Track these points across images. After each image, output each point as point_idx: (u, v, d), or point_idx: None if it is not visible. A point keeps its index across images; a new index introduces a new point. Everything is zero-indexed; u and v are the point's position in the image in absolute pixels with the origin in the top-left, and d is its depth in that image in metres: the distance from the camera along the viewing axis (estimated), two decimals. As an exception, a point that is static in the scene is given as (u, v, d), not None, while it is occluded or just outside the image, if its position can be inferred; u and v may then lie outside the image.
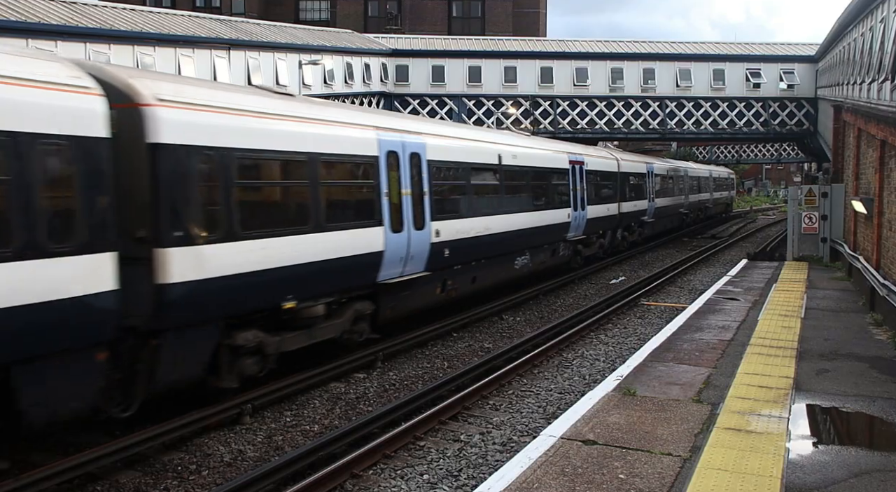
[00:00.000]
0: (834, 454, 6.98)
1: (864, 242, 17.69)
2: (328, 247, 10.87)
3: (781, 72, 36.45)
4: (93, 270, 7.50)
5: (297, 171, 10.59)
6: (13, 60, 7.12)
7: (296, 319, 10.48)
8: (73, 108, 7.41)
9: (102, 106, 7.71)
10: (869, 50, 18.24)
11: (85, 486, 7.53)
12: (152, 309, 8.25)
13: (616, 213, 26.18)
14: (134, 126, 8.22)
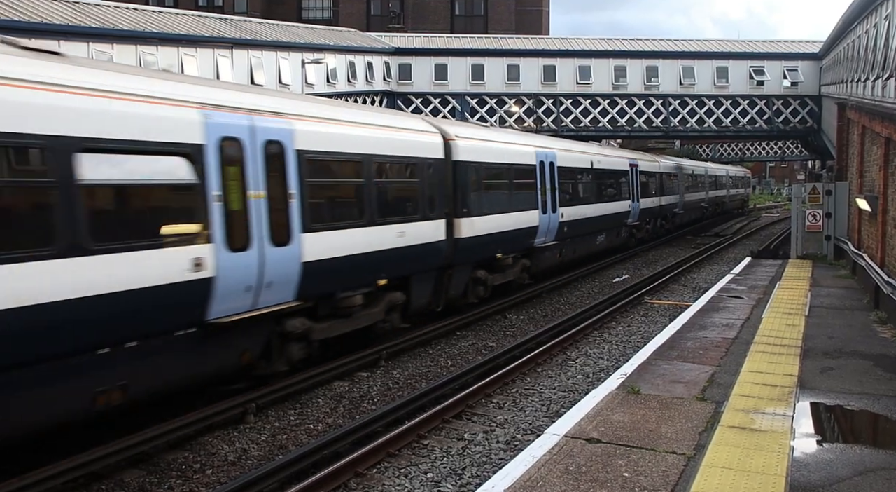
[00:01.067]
0: (838, 452, 6.96)
1: (869, 240, 17.64)
2: (517, 221, 17.51)
3: (785, 69, 36.34)
4: (439, 228, 14.02)
5: (508, 174, 17.42)
6: (416, 122, 14.21)
7: (500, 265, 17.10)
8: (436, 143, 14.22)
9: (441, 141, 14.37)
10: (873, 47, 18.18)
11: (90, 485, 7.55)
12: (452, 252, 14.46)
13: (658, 205, 32.62)
14: (448, 151, 14.51)
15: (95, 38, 21.65)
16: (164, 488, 7.59)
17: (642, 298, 18.78)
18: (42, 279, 6.77)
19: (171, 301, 8.18)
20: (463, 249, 14.76)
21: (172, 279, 8.12)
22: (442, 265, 14.29)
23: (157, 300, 7.97)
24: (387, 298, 12.56)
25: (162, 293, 7.99)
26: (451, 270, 14.64)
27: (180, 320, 8.44)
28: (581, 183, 22.62)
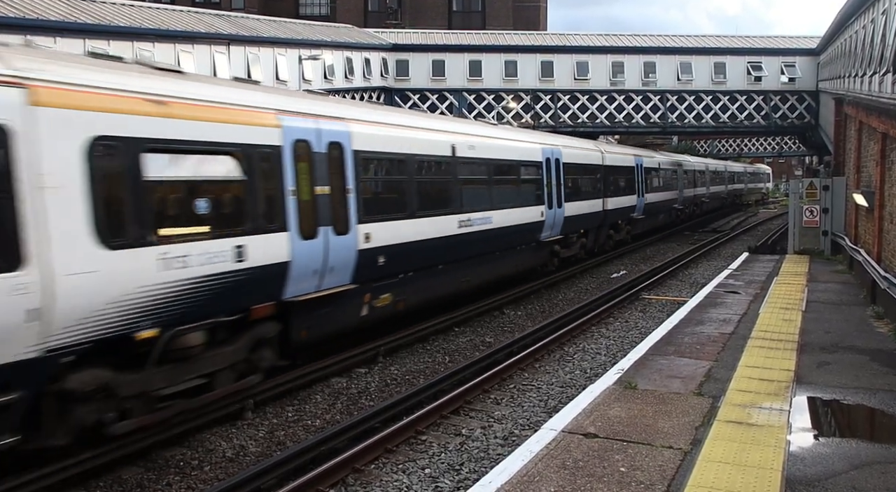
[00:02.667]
0: (835, 447, 6.99)
1: (866, 235, 17.67)
2: (618, 203, 25.43)
3: (783, 65, 36.34)
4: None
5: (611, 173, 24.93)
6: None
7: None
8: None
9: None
10: (870, 42, 18.18)
11: (87, 482, 7.55)
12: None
13: (691, 194, 40.82)
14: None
15: (91, 35, 21.60)
16: (163, 485, 7.60)
17: (640, 293, 18.80)
18: None
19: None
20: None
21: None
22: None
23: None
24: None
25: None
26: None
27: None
28: (655, 178, 33.07)
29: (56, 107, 7.03)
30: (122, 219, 7.61)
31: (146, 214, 7.87)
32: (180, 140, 8.34)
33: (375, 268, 11.85)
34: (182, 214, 8.44)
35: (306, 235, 10.20)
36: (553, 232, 20.00)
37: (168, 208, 8.32)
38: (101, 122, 7.46)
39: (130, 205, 7.72)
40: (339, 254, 10.88)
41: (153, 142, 7.96)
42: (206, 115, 8.76)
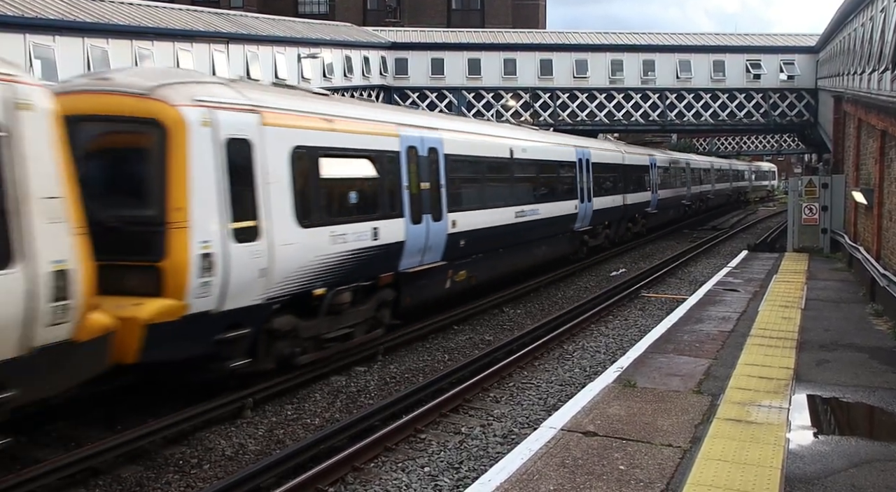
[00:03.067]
0: (834, 444, 6.99)
1: (865, 233, 17.67)
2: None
3: (782, 63, 36.35)
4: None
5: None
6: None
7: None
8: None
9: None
10: (869, 40, 18.18)
11: (87, 481, 7.55)
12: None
13: (698, 191, 42.39)
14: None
15: (90, 34, 21.59)
16: (162, 484, 7.59)
17: (639, 291, 18.80)
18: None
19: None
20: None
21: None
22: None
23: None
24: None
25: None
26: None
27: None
28: (703, 175, 43.58)
29: (274, 126, 9.74)
30: (309, 205, 10.29)
31: (322, 203, 10.65)
32: (340, 148, 11.17)
33: (458, 249, 14.57)
34: (342, 203, 11.33)
35: (415, 221, 12.95)
36: (584, 223, 22.64)
37: (334, 198, 11.14)
38: (298, 136, 10.21)
39: (313, 195, 10.43)
40: (435, 236, 13.69)
41: (325, 149, 10.74)
42: (355, 128, 11.63)
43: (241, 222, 9.04)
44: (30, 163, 6.64)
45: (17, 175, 6.54)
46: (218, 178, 8.84)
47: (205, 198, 8.65)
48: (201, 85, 9.28)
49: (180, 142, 8.52)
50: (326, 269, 10.54)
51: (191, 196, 8.51)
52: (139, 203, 8.69)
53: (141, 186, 8.77)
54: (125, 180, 8.93)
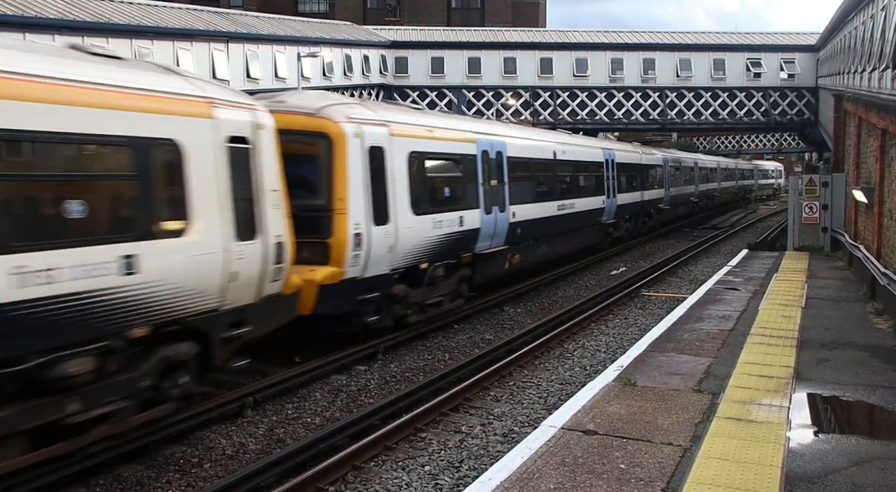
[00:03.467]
0: (834, 443, 6.99)
1: (865, 232, 17.67)
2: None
3: (782, 61, 36.32)
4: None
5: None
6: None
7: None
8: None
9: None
10: (870, 38, 18.17)
11: (87, 479, 7.55)
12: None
13: (705, 189, 44.48)
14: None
15: (90, 33, 21.56)
16: (162, 483, 7.59)
17: (639, 290, 18.80)
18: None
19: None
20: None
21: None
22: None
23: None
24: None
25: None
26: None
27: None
28: (713, 173, 46.64)
29: (398, 136, 12.61)
30: (419, 198, 13.08)
31: (427, 196, 13.47)
32: (438, 152, 14.12)
33: (515, 236, 17.13)
34: (440, 196, 14.12)
35: (487, 212, 15.62)
36: (609, 217, 25.25)
37: (434, 192, 13.95)
38: (412, 143, 13.07)
39: (421, 190, 13.26)
40: (500, 224, 16.29)
41: (428, 154, 13.68)
42: (447, 136, 14.47)
43: (378, 210, 11.88)
44: (263, 165, 9.31)
45: (256, 174, 9.20)
46: (364, 176, 11.62)
47: (356, 191, 11.44)
48: (350, 106, 12.25)
49: (341, 149, 11.31)
50: (429, 248, 13.41)
51: (348, 189, 11.30)
52: (313, 195, 11.22)
53: (313, 182, 11.35)
54: (302, 178, 11.12)
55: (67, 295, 6.74)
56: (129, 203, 7.70)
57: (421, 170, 13.30)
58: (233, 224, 8.73)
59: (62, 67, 7.02)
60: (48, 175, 6.97)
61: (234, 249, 8.71)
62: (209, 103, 8.68)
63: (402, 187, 12.53)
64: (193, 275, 8.15)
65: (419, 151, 13.24)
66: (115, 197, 7.73)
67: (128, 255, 7.33)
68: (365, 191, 11.58)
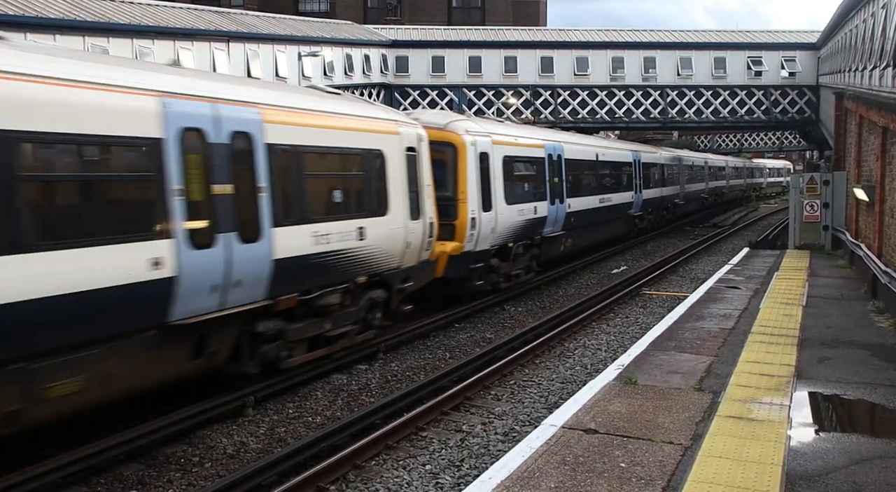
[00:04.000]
0: (835, 441, 6.99)
1: (866, 230, 17.65)
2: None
3: (783, 59, 36.26)
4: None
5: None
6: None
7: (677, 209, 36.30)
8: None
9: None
10: (870, 36, 18.14)
11: (89, 479, 7.56)
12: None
13: (714, 186, 47.28)
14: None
15: (91, 33, 21.58)
16: (163, 482, 7.61)
17: (640, 289, 18.80)
18: None
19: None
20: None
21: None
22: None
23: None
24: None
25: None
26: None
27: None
28: (721, 173, 49.43)
29: (497, 144, 16.29)
30: (509, 191, 16.61)
31: (514, 190, 17.01)
32: (520, 156, 17.73)
33: (570, 223, 20.64)
34: (522, 190, 17.72)
35: (552, 203, 19.12)
36: (636, 209, 28.92)
37: (519, 187, 17.46)
38: (505, 149, 16.71)
39: (510, 185, 16.73)
40: (560, 213, 19.89)
41: (515, 157, 17.26)
42: (526, 143, 18.24)
43: (485, 200, 15.55)
44: (423, 167, 13.22)
45: (420, 173, 13.07)
46: (476, 174, 15.34)
47: (472, 186, 15.20)
48: (465, 121, 16.17)
49: (462, 155, 15.12)
50: (514, 230, 17.05)
51: (467, 185, 15.10)
52: (444, 189, 14.63)
53: (445, 179, 14.76)
54: (437, 176, 14.14)
55: (335, 251, 10.58)
56: (361, 192, 11.53)
57: (510, 170, 16.95)
58: (408, 208, 12.52)
59: (324, 103, 11.05)
60: (332, 174, 11.22)
61: (409, 226, 12.51)
62: (396, 123, 12.59)
63: (499, 183, 16.20)
64: (390, 242, 11.91)
65: (509, 156, 16.93)
66: (355, 188, 11.52)
67: (361, 227, 11.16)
68: (477, 186, 15.36)
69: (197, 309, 8.40)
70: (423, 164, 13.16)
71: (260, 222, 9.28)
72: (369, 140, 11.61)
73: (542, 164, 18.95)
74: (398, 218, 12.16)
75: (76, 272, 7.02)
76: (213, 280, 8.56)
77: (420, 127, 13.32)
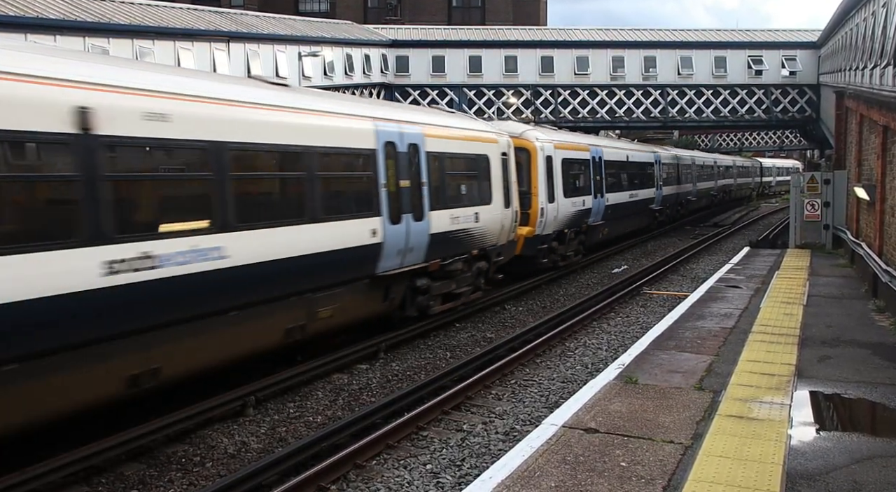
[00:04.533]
0: (836, 441, 6.99)
1: (867, 229, 17.65)
2: (684, 188, 38.20)
3: (783, 58, 36.25)
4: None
5: (681, 168, 37.62)
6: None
7: (690, 205, 40.59)
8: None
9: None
10: (871, 35, 18.14)
11: (90, 478, 7.57)
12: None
13: (722, 184, 50.96)
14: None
15: (91, 33, 21.58)
16: (164, 482, 7.61)
17: (641, 288, 18.80)
18: None
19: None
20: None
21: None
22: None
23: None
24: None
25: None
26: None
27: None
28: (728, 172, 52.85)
29: (558, 149, 20.20)
30: (566, 187, 20.28)
31: (570, 186, 20.61)
32: (573, 158, 21.36)
33: (607, 215, 24.33)
34: (574, 186, 21.30)
35: (595, 197, 22.97)
36: (657, 204, 32.19)
37: (571, 184, 20.96)
38: (564, 153, 20.48)
39: (567, 182, 20.38)
40: (601, 206, 23.63)
41: (570, 159, 20.92)
42: (577, 147, 22.12)
43: (549, 194, 19.40)
44: (511, 167, 16.77)
45: (509, 172, 16.62)
46: (544, 173, 19.17)
47: (541, 182, 19.03)
48: (535, 130, 20.16)
49: (534, 158, 19.00)
50: (569, 219, 20.86)
51: (538, 181, 18.98)
52: (520, 184, 18.05)
53: (520, 177, 18.22)
54: (518, 175, 17.87)
55: (462, 230, 14.34)
56: (476, 187, 15.22)
57: (567, 169, 20.65)
58: (503, 199, 16.16)
59: (453, 121, 15.37)
60: (460, 173, 14.87)
61: (503, 213, 16.21)
62: (497, 135, 16.52)
63: (559, 180, 19.93)
64: (492, 225, 15.64)
65: (567, 158, 20.63)
66: (473, 183, 15.16)
67: (476, 212, 14.90)
68: (545, 182, 19.20)
69: (389, 266, 12.11)
70: (510, 165, 16.83)
71: (423, 207, 13.07)
72: (481, 148, 15.59)
73: (588, 164, 22.71)
74: (497, 207, 15.93)
75: (341, 236, 10.84)
76: (399, 246, 12.31)
77: (507, 136, 17.19)
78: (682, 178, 37.51)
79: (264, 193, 10.08)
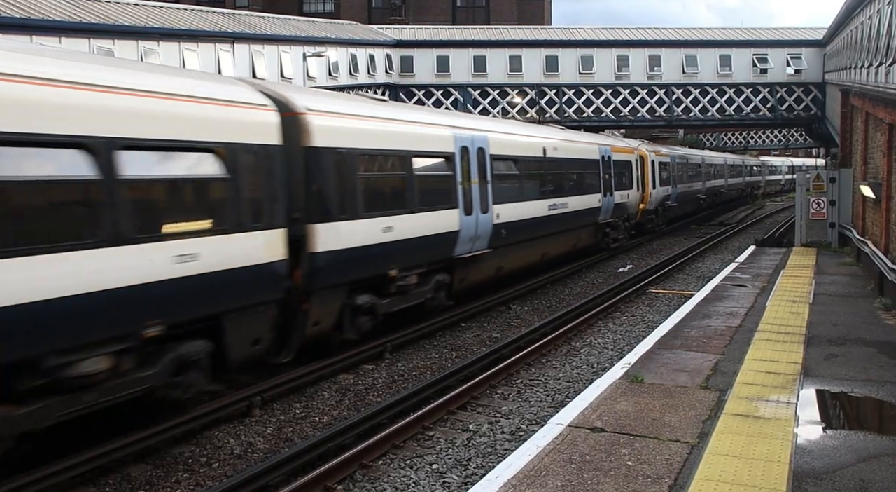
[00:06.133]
0: (842, 439, 6.97)
1: (873, 227, 17.59)
2: (695, 186, 39.91)
3: (788, 57, 36.16)
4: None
5: (693, 167, 40.48)
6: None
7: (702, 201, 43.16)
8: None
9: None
10: (876, 33, 18.07)
11: (97, 479, 7.60)
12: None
13: (732, 182, 53.04)
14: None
15: (96, 35, 21.64)
16: (171, 482, 7.64)
17: (646, 287, 18.78)
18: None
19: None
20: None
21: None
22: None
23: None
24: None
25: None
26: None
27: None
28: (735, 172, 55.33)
29: (655, 154, 31.01)
30: (660, 179, 31.08)
31: (662, 179, 31.20)
32: (621, 161, 25.37)
33: (678, 198, 34.00)
34: (621, 182, 25.16)
35: (673, 187, 33.18)
36: (672, 201, 34.50)
37: (614, 179, 24.30)
38: (657, 158, 30.86)
39: (610, 181, 24.09)
40: (675, 192, 34.03)
41: (613, 162, 24.45)
42: (623, 150, 26.45)
43: (654, 183, 29.64)
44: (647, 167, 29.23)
45: (646, 170, 29.07)
46: (650, 172, 29.31)
47: (649, 178, 29.30)
48: (641, 144, 29.42)
49: (646, 163, 29.03)
50: (619, 210, 24.97)
51: (648, 177, 28.99)
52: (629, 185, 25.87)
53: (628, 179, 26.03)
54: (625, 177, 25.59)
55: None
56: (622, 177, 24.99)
57: (660, 169, 29.50)
58: (638, 186, 26.91)
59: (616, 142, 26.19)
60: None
61: (637, 194, 26.89)
62: (635, 149, 27.13)
63: (657, 176, 29.50)
64: (633, 202, 26.68)
65: (618, 160, 24.89)
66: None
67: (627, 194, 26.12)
68: (650, 177, 28.78)
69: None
70: (646, 165, 26.82)
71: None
72: (620, 156, 25.06)
73: (629, 165, 27.08)
74: (635, 191, 26.30)
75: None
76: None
77: (639, 148, 26.78)
78: (694, 177, 40.52)
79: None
